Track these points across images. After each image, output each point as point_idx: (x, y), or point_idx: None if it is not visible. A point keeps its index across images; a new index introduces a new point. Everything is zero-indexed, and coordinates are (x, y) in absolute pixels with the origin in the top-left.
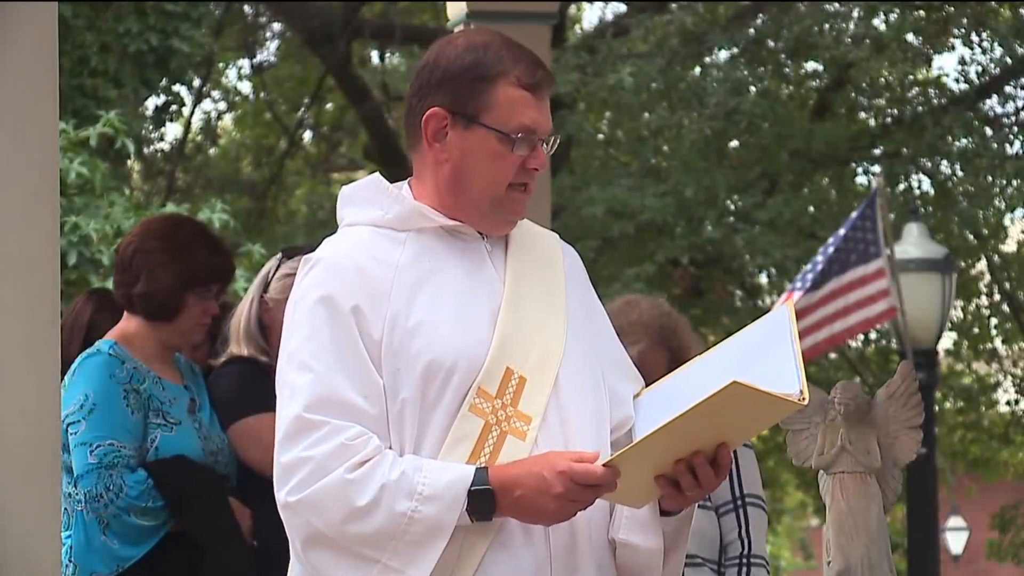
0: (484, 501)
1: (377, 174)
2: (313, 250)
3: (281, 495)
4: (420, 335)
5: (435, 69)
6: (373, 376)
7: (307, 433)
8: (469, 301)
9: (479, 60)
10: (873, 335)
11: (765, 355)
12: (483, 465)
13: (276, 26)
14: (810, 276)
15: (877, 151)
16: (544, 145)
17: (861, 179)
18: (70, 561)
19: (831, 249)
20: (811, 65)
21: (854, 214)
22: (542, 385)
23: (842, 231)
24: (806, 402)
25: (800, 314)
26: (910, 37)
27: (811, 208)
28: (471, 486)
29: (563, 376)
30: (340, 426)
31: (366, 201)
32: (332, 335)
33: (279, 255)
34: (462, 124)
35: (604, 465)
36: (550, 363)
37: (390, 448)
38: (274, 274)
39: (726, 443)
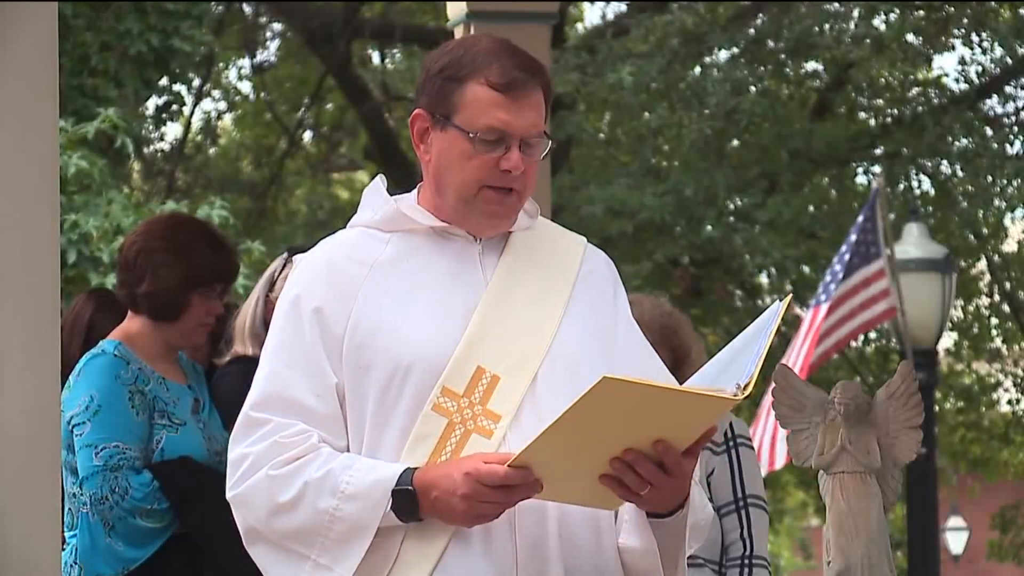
0: (407, 501)
1: (381, 176)
2: None
3: (226, 491)
4: (381, 335)
5: (423, 71)
6: (327, 375)
7: (251, 430)
8: (442, 301)
9: (453, 60)
10: (873, 335)
11: (742, 352)
12: (413, 466)
13: (276, 26)
14: (833, 287)
15: (877, 151)
16: (525, 147)
17: (861, 179)
18: (75, 562)
19: (846, 256)
20: (811, 65)
21: (860, 217)
22: (516, 384)
23: (852, 236)
24: (739, 398)
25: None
26: (910, 37)
27: (811, 208)
28: (395, 486)
29: (544, 376)
30: (281, 424)
31: (365, 202)
32: (293, 334)
33: (284, 255)
34: (440, 125)
35: (509, 466)
36: (529, 363)
37: (346, 447)
38: (279, 274)
39: (663, 440)
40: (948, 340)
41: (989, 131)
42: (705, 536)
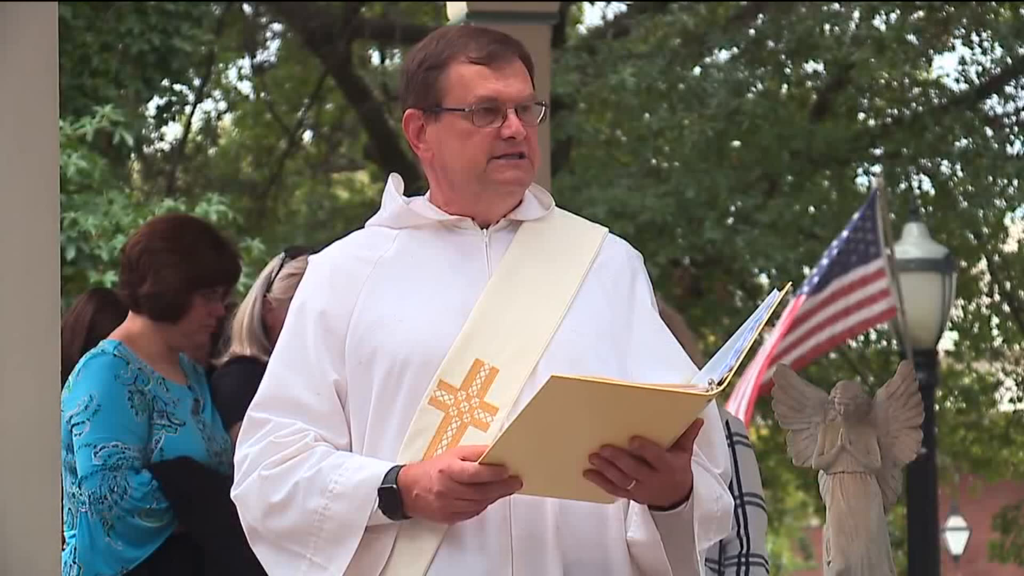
0: (392, 499)
1: (395, 175)
2: (315, 250)
3: (231, 491)
4: (380, 331)
5: (403, 73)
6: (327, 373)
7: (253, 431)
8: (442, 295)
9: (430, 52)
10: (873, 335)
11: (733, 345)
12: (411, 461)
13: (276, 26)
14: (816, 279)
15: (877, 151)
16: (522, 112)
17: (861, 179)
18: (75, 562)
19: (835, 251)
20: (811, 65)
21: (856, 215)
22: (515, 376)
23: (845, 233)
24: (712, 394)
25: (803, 317)
26: (910, 37)
27: (811, 209)
28: (381, 484)
29: (545, 368)
30: (280, 423)
31: (383, 202)
32: (295, 336)
33: (282, 255)
34: (433, 117)
35: (480, 463)
36: (528, 354)
37: (348, 444)
38: (277, 274)
39: (639, 437)
40: (948, 340)
41: (989, 131)
42: (726, 528)
